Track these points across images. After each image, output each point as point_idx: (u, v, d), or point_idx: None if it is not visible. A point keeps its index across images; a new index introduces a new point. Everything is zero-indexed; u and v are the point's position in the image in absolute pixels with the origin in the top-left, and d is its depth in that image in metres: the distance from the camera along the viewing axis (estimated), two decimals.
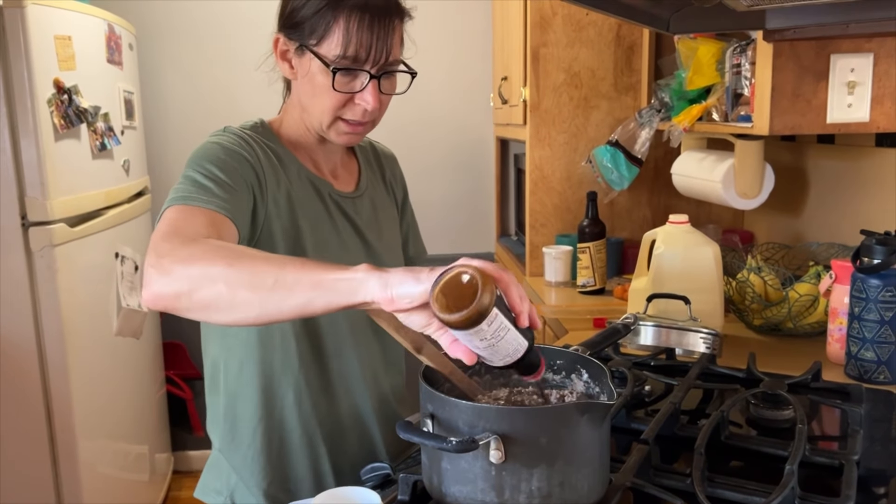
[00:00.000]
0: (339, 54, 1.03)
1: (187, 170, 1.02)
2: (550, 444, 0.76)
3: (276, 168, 1.09)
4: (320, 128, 1.10)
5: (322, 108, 1.07)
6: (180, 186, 0.99)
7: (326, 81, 1.04)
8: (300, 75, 1.09)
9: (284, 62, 1.10)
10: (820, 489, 0.90)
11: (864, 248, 1.34)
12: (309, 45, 1.05)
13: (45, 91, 2.00)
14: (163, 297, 0.82)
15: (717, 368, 1.32)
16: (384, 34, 1.05)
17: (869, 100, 1.45)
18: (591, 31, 2.26)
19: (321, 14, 1.03)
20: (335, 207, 1.15)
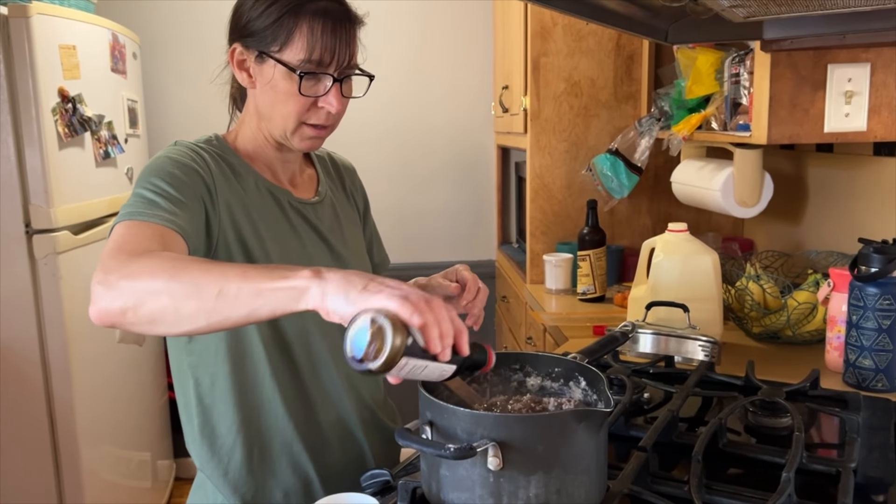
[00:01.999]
0: (303, 59, 1.04)
1: (137, 186, 1.00)
2: (548, 452, 0.77)
3: (229, 178, 1.09)
4: (283, 134, 1.10)
5: (286, 114, 1.08)
6: (129, 202, 0.98)
7: (291, 87, 1.05)
8: (260, 84, 1.08)
9: (242, 71, 1.10)
10: (817, 497, 0.91)
11: (861, 257, 1.35)
12: (271, 53, 1.05)
13: (49, 100, 2.02)
14: (109, 312, 0.82)
15: (715, 376, 1.32)
16: (346, 38, 1.07)
17: (866, 109, 1.46)
18: (591, 40, 2.27)
19: (282, 21, 1.04)
20: (296, 214, 1.15)
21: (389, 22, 3.04)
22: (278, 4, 1.04)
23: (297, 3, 1.03)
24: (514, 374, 0.98)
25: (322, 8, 1.04)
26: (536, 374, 0.98)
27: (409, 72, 3.09)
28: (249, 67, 1.09)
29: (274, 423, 1.12)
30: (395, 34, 3.06)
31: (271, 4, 1.04)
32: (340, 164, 1.34)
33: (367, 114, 2.98)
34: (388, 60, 3.07)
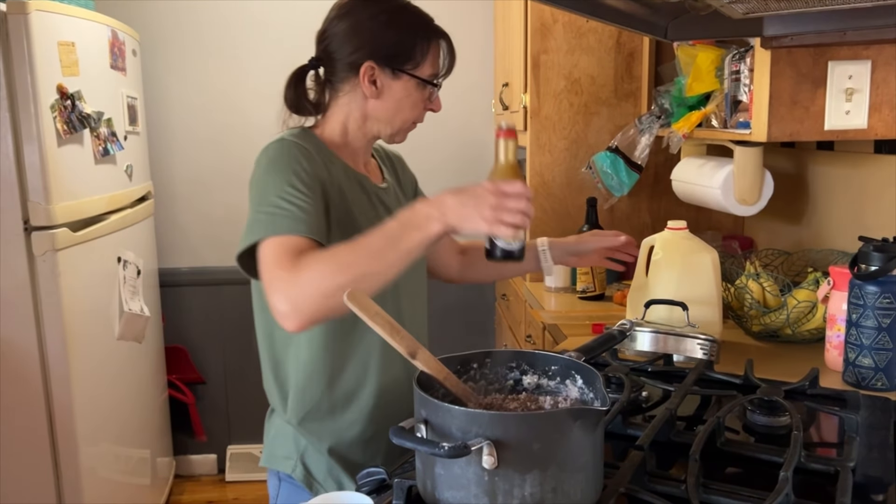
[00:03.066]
0: (432, 73, 1.27)
1: (271, 190, 1.13)
2: (543, 450, 0.76)
3: (328, 165, 1.23)
4: (391, 134, 1.30)
5: (407, 118, 1.29)
6: (269, 209, 1.11)
7: (421, 96, 1.27)
8: (386, 94, 1.26)
9: (370, 85, 1.25)
10: (816, 496, 0.90)
11: (861, 255, 1.34)
12: (405, 70, 1.25)
13: (48, 96, 2.02)
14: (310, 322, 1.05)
15: (714, 375, 1.32)
16: (453, 52, 1.31)
17: (867, 107, 1.45)
18: (591, 37, 2.27)
19: (418, 45, 1.25)
20: (375, 198, 1.30)
21: None
22: (413, 29, 1.25)
23: (426, 28, 1.27)
24: (510, 373, 0.98)
25: (440, 31, 1.29)
26: (533, 372, 0.97)
27: None
28: (377, 81, 1.25)
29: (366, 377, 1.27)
30: None
31: (408, 29, 1.25)
32: (392, 155, 1.49)
33: None
34: None
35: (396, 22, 1.25)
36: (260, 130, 3.08)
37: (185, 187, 3.12)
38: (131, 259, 2.54)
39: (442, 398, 0.85)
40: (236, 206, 3.12)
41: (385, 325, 0.90)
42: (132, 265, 2.55)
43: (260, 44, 3.03)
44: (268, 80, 3.05)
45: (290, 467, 1.28)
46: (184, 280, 3.13)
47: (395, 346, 0.90)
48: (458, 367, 0.95)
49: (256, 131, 3.08)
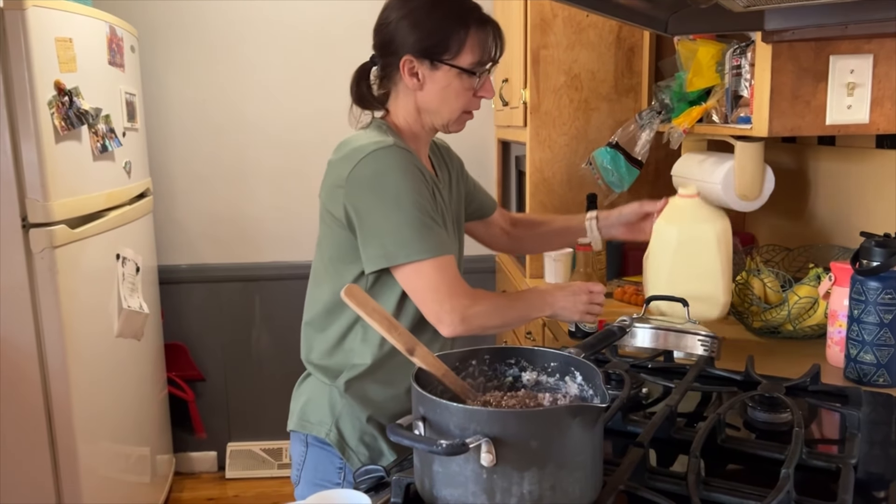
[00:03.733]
0: (474, 62, 1.29)
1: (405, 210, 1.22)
2: (541, 447, 0.76)
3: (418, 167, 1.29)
4: (445, 124, 1.35)
5: (455, 107, 1.32)
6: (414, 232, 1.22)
7: (464, 85, 1.30)
8: (430, 86, 1.30)
9: (412, 77, 1.30)
10: (817, 493, 0.89)
11: (863, 251, 1.33)
12: (444, 60, 1.28)
13: (45, 93, 2.01)
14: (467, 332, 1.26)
15: (714, 371, 1.31)
16: (498, 39, 1.32)
17: (868, 101, 1.44)
18: (591, 33, 2.26)
19: (454, 33, 1.27)
20: (438, 195, 1.35)
21: None
22: (448, 20, 1.27)
23: (462, 17, 1.28)
24: (509, 370, 0.97)
25: (480, 17, 1.30)
26: (532, 368, 0.97)
27: None
28: (418, 73, 1.29)
29: None
30: None
31: (442, 20, 1.27)
32: (440, 144, 1.54)
33: None
34: None
35: (431, 13, 1.28)
36: (259, 126, 3.08)
37: (184, 184, 3.11)
38: (130, 256, 2.54)
39: (440, 395, 0.85)
40: (235, 203, 3.12)
41: (382, 322, 0.90)
42: (131, 262, 2.54)
43: (258, 39, 3.02)
44: (266, 75, 3.04)
45: (325, 431, 1.33)
46: (183, 277, 3.13)
47: (393, 343, 0.90)
48: (457, 364, 0.95)
49: (255, 127, 3.08)
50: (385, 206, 1.22)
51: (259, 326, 3.17)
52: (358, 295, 0.90)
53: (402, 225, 1.22)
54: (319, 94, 3.00)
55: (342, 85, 1.38)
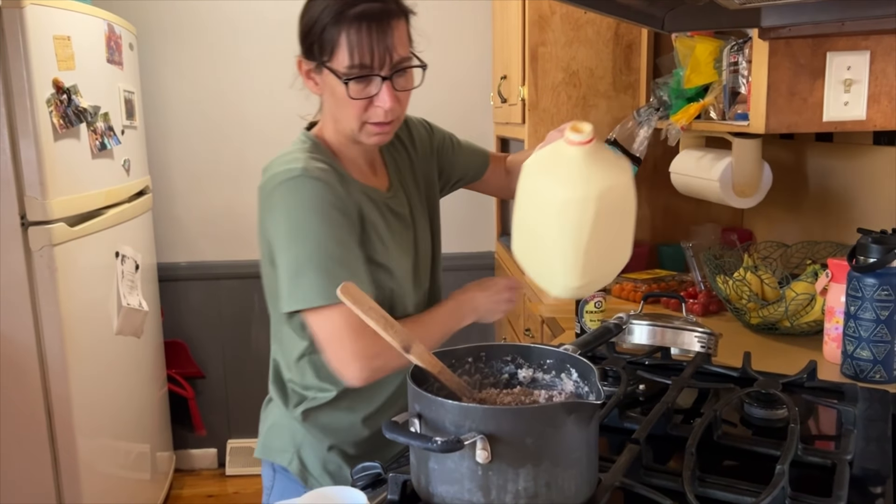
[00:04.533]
0: (348, 65, 1.11)
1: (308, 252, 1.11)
2: (537, 444, 0.76)
3: (342, 184, 1.18)
4: (352, 134, 1.19)
5: (347, 117, 1.17)
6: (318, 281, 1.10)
7: (344, 92, 1.13)
8: (324, 91, 1.19)
9: (309, 80, 1.20)
10: (813, 489, 0.89)
11: (860, 247, 1.34)
12: (323, 63, 1.14)
13: (44, 91, 2.01)
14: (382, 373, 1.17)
15: (711, 367, 1.31)
16: (384, 36, 1.11)
17: (865, 98, 1.44)
18: (589, 30, 2.25)
19: (327, 32, 1.11)
20: (387, 210, 1.26)
21: None
22: (322, 17, 1.11)
23: (337, 13, 1.10)
24: (505, 367, 0.97)
25: (360, 12, 1.10)
26: (528, 366, 0.97)
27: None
28: (314, 77, 1.19)
29: None
30: None
31: (317, 17, 1.12)
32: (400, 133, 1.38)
33: None
34: None
35: (311, 6, 1.15)
36: (257, 124, 3.08)
37: (183, 182, 3.11)
38: (129, 254, 2.54)
39: (436, 392, 0.85)
40: (234, 201, 3.12)
41: (379, 320, 0.90)
42: (130, 260, 2.55)
43: (257, 37, 3.02)
44: (265, 73, 3.04)
45: (287, 460, 1.27)
46: (182, 274, 3.13)
47: (389, 340, 0.90)
48: (453, 362, 0.95)
49: (254, 125, 3.08)
50: (289, 246, 1.12)
51: (258, 323, 3.17)
52: (354, 293, 0.90)
53: (305, 268, 1.11)
54: None
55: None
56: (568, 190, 1.00)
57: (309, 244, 1.11)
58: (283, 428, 1.29)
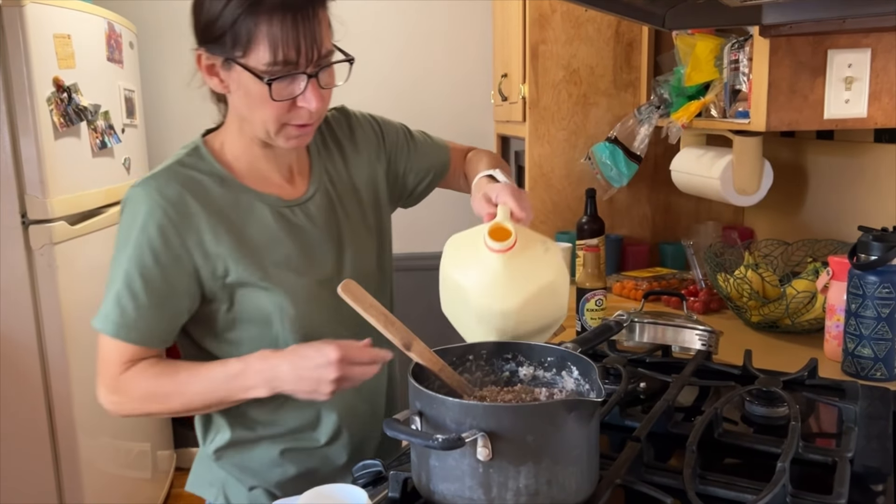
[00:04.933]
0: (269, 62, 0.97)
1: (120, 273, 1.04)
2: (537, 442, 0.76)
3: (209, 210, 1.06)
4: (267, 137, 1.06)
5: (265, 118, 1.03)
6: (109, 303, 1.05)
7: (263, 92, 0.99)
8: (233, 89, 1.04)
9: (212, 77, 1.05)
10: (813, 487, 0.89)
11: (861, 245, 1.33)
12: (235, 58, 0.99)
13: (44, 89, 2.01)
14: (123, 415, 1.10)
15: (712, 365, 1.31)
16: (311, 29, 0.98)
17: (867, 95, 1.44)
18: (589, 27, 2.25)
19: (240, 23, 0.96)
20: (286, 221, 1.12)
21: (388, 9, 3.02)
22: (233, 4, 0.96)
23: (252, 2, 0.96)
24: (506, 364, 0.97)
25: (279, 1, 0.96)
26: (529, 363, 0.97)
27: (408, 60, 3.07)
28: (219, 73, 1.04)
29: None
30: (393, 22, 3.04)
31: (226, 5, 0.97)
32: (331, 126, 1.25)
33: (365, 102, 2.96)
34: (387, 48, 3.04)
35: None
36: None
37: None
38: None
39: (438, 390, 0.85)
40: None
41: (379, 317, 0.90)
42: None
43: None
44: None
45: (213, 495, 1.18)
46: None
47: (390, 338, 0.90)
48: (454, 359, 0.95)
49: None
50: (111, 262, 1.07)
51: None
52: (355, 290, 0.91)
53: (108, 290, 1.06)
54: None
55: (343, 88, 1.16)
56: (488, 300, 0.98)
57: (119, 267, 1.05)
58: (207, 460, 1.19)
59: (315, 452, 1.18)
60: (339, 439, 1.19)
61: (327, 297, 1.07)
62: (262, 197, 1.11)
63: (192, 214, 1.05)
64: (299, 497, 0.79)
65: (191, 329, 1.12)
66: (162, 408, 1.08)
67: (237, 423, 1.15)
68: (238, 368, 1.03)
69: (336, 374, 0.97)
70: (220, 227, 1.06)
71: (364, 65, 3.07)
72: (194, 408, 1.07)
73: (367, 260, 1.21)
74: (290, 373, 1.00)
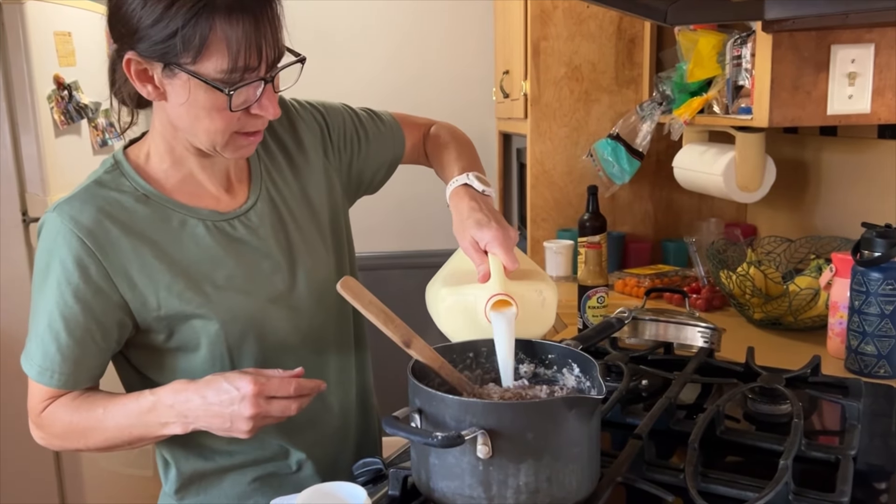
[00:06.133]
0: (226, 69, 0.87)
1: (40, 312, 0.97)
2: (537, 439, 0.75)
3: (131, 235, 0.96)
4: (211, 148, 0.95)
5: (213, 130, 0.92)
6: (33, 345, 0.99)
7: (216, 101, 0.90)
8: (172, 98, 0.92)
9: (145, 84, 0.92)
10: (816, 484, 0.89)
11: (864, 241, 1.33)
12: (183, 65, 0.87)
13: (45, 87, 2.01)
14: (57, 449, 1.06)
15: (714, 363, 1.31)
16: (272, 30, 0.89)
17: (870, 91, 1.43)
18: (591, 24, 2.24)
19: (190, 26, 0.85)
20: (223, 235, 1.02)
21: (389, 6, 3.01)
22: (179, 4, 0.85)
23: (205, 2, 0.85)
24: None
25: (230, 3, 0.85)
26: (530, 361, 0.96)
27: (410, 57, 3.06)
28: (154, 79, 0.91)
29: None
30: (394, 19, 3.03)
31: (171, 4, 0.85)
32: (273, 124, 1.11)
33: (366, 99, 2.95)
34: (388, 46, 3.04)
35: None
36: None
37: None
38: None
39: (438, 388, 0.84)
40: None
41: (379, 314, 0.89)
42: None
43: None
44: None
45: None
46: None
47: (390, 335, 0.89)
48: (454, 357, 0.94)
49: None
50: (33, 296, 0.99)
51: None
52: (353, 287, 0.90)
53: (32, 331, 0.99)
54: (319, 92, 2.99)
55: (343, 85, 1.15)
56: None
57: (39, 305, 0.97)
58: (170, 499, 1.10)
59: (288, 479, 1.09)
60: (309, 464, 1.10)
61: (282, 315, 1.03)
62: (194, 212, 1.00)
63: (113, 241, 0.94)
64: (298, 495, 0.78)
65: (131, 356, 1.03)
66: (84, 444, 1.01)
67: (193, 454, 1.06)
68: (150, 403, 0.94)
69: (251, 410, 0.88)
70: (147, 253, 0.96)
71: (365, 61, 3.06)
72: (117, 444, 0.98)
73: (323, 268, 1.10)
74: (201, 408, 0.91)
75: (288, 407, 0.91)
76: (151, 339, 1.00)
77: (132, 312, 0.97)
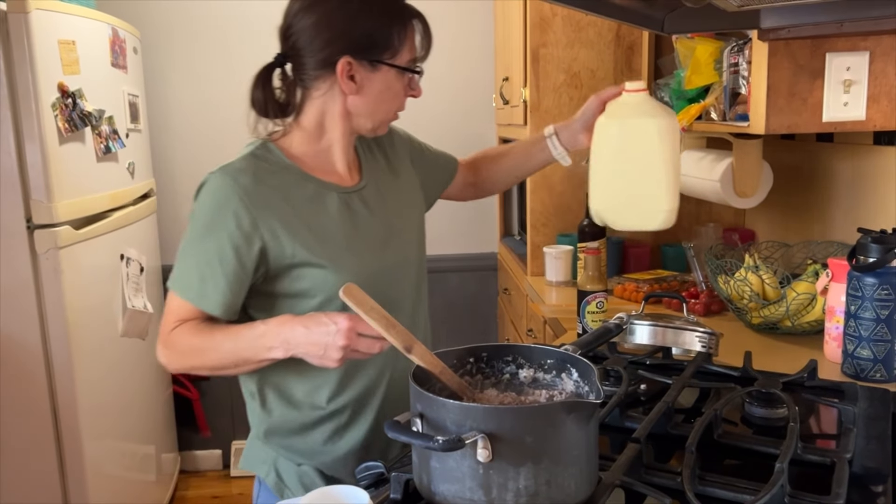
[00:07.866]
0: (410, 59, 1.20)
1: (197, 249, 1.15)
2: (537, 443, 0.77)
3: (283, 189, 1.18)
4: (372, 128, 1.24)
5: (391, 108, 1.23)
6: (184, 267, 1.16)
7: (402, 85, 1.21)
8: (368, 88, 1.19)
9: (348, 81, 1.17)
10: (812, 488, 0.90)
11: (860, 247, 1.34)
12: (384, 60, 1.17)
13: (49, 95, 2.02)
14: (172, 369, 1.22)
15: (712, 367, 1.32)
16: (429, 32, 1.22)
17: (865, 98, 1.45)
18: (590, 31, 2.26)
19: (394, 31, 1.17)
20: (352, 203, 1.24)
21: None
22: (388, 15, 1.16)
23: (400, 13, 1.17)
24: (506, 367, 0.98)
25: (413, 11, 1.20)
26: (529, 366, 0.98)
27: None
28: (355, 76, 1.17)
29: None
30: None
31: (382, 16, 1.16)
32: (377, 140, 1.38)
33: None
34: None
35: (369, 9, 1.15)
36: None
37: (188, 184, 3.12)
38: (134, 256, 2.55)
39: (438, 392, 0.86)
40: None
41: (380, 320, 0.91)
42: (135, 262, 2.56)
43: (260, 40, 3.02)
44: None
45: (265, 472, 1.27)
46: None
47: (391, 341, 0.91)
48: (455, 362, 0.96)
49: None
50: (186, 233, 1.17)
51: None
52: (356, 294, 0.92)
53: (181, 258, 1.17)
54: None
55: None
56: (659, 118, 1.32)
57: (196, 244, 1.15)
58: (257, 442, 1.29)
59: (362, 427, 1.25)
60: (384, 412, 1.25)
61: (378, 277, 1.21)
62: (326, 185, 1.22)
63: (265, 199, 1.15)
64: (302, 498, 0.80)
65: (249, 301, 1.20)
66: (200, 362, 1.16)
67: (282, 404, 1.24)
68: (262, 330, 1.11)
69: (344, 341, 1.02)
70: (289, 212, 1.16)
71: None
72: (226, 364, 1.15)
73: (410, 248, 1.32)
74: (303, 336, 1.06)
75: (373, 345, 1.03)
76: (276, 285, 1.18)
77: (269, 259, 1.15)
